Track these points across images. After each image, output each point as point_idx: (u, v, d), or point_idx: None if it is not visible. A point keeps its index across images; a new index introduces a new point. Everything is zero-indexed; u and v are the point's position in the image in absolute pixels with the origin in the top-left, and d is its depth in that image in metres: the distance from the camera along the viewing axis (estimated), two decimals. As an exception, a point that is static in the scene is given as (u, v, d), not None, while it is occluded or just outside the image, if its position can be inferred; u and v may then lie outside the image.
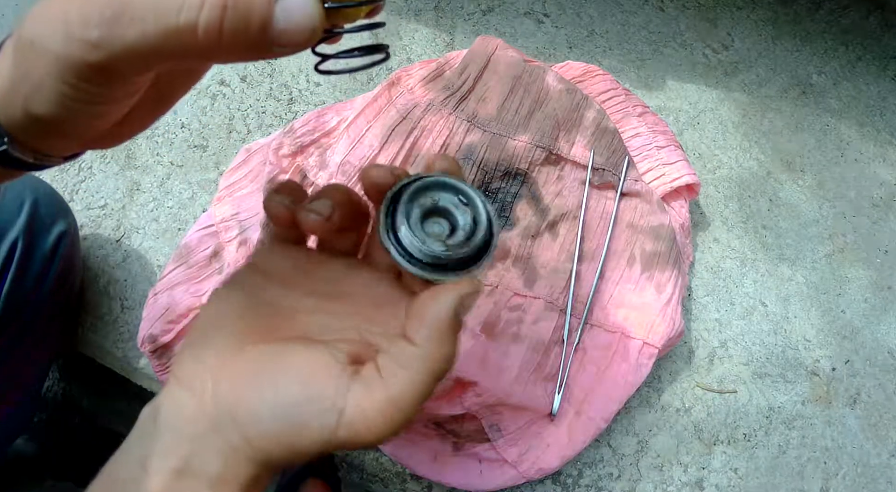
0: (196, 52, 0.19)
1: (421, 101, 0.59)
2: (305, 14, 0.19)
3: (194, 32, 0.18)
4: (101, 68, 0.19)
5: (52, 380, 0.71)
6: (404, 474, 0.52)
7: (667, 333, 0.54)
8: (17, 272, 0.46)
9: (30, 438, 0.68)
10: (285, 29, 0.19)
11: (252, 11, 0.18)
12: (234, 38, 0.18)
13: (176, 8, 0.18)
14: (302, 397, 0.23)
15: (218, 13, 0.18)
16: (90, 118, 0.21)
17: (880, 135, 0.77)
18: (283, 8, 0.18)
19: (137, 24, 0.18)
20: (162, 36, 0.18)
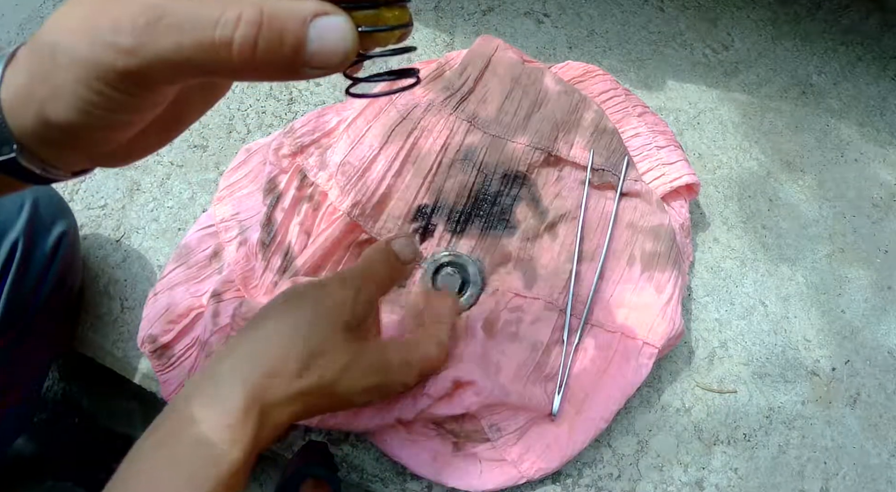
0: (228, 69, 0.19)
1: (421, 101, 0.59)
2: (339, 37, 0.19)
3: (229, 48, 0.18)
4: (130, 75, 0.19)
5: (52, 380, 0.71)
6: (404, 474, 0.52)
7: (667, 333, 0.54)
8: (18, 272, 0.47)
9: (30, 438, 0.68)
10: (318, 51, 0.19)
11: (286, 31, 0.18)
12: (268, 57, 0.18)
13: (213, 22, 0.18)
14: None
15: (253, 31, 0.18)
16: (108, 129, 0.21)
17: (880, 135, 0.77)
18: (317, 29, 0.19)
19: (173, 34, 0.18)
20: (197, 49, 0.18)
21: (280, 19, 0.18)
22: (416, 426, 0.51)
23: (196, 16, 0.18)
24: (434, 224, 0.56)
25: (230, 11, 0.18)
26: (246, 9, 0.18)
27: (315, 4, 0.19)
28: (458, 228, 0.56)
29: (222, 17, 0.18)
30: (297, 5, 0.19)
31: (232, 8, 0.18)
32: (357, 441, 0.52)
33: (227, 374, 0.31)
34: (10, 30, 0.73)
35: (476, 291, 0.54)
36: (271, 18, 0.18)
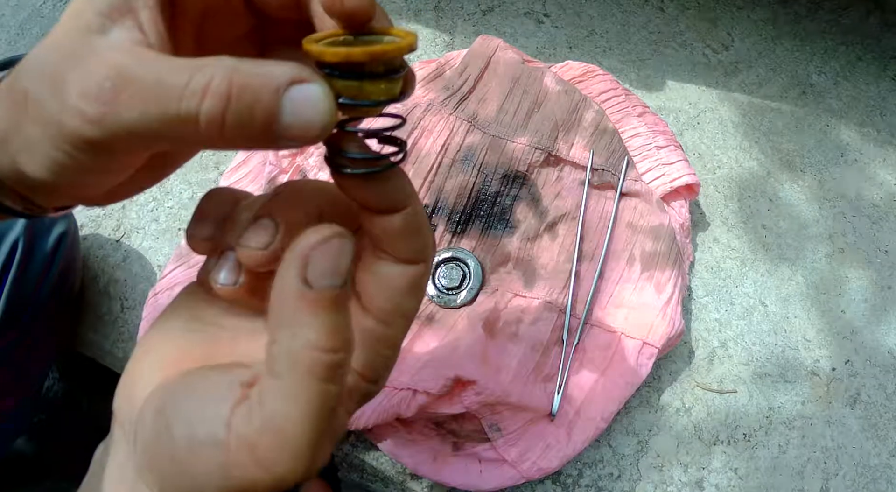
0: (196, 141, 0.17)
1: (421, 101, 0.59)
2: (315, 111, 0.17)
3: (196, 122, 0.17)
4: (96, 144, 0.17)
5: (52, 380, 0.71)
6: (404, 474, 0.52)
7: (667, 333, 0.54)
8: (18, 273, 0.47)
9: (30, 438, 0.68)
10: (292, 125, 0.17)
11: (257, 103, 0.17)
12: (238, 130, 0.17)
13: (178, 93, 0.16)
14: (190, 434, 0.18)
15: (221, 104, 0.17)
16: (82, 186, 0.20)
17: (880, 135, 0.77)
18: (291, 101, 0.17)
19: (138, 104, 0.17)
20: (162, 121, 0.17)
21: (251, 89, 0.17)
22: (416, 426, 0.51)
23: (162, 84, 0.17)
24: (434, 224, 0.56)
25: (197, 80, 0.16)
26: (215, 78, 0.16)
27: (290, 70, 0.17)
28: (459, 228, 0.56)
29: (188, 86, 0.16)
30: (271, 72, 0.17)
31: (199, 76, 0.17)
32: (357, 441, 0.52)
33: None
34: (10, 30, 0.73)
35: (476, 285, 0.54)
36: (241, 89, 0.16)
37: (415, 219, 0.21)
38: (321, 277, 0.16)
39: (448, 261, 0.55)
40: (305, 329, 0.16)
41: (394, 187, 0.20)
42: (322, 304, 0.16)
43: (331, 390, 0.17)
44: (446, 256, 0.55)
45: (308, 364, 0.16)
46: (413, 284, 0.21)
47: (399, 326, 0.21)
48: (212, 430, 0.17)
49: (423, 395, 0.48)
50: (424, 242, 0.21)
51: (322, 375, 0.16)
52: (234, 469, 0.17)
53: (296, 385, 0.16)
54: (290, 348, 0.16)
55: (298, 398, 0.16)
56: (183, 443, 0.17)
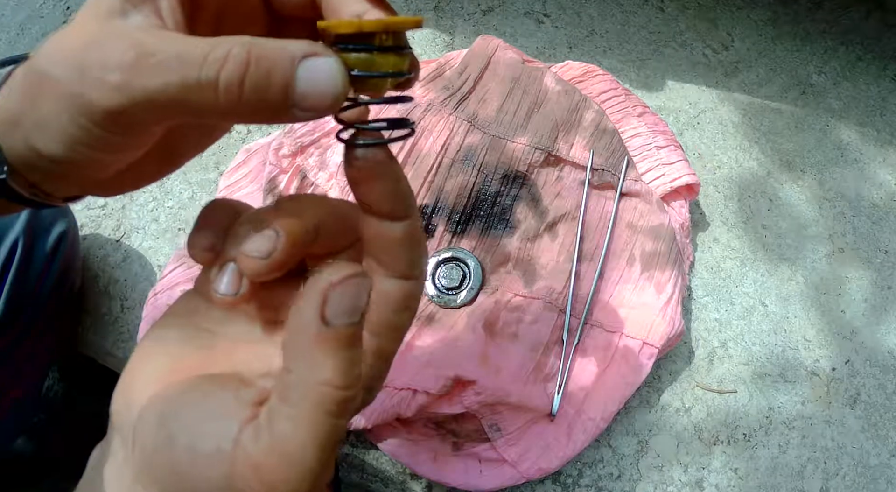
0: (215, 110, 0.18)
1: (421, 101, 0.59)
2: (329, 80, 0.18)
3: (215, 88, 0.18)
4: (115, 113, 0.18)
5: (52, 380, 0.71)
6: (404, 474, 0.52)
7: (667, 333, 0.54)
8: (18, 272, 0.47)
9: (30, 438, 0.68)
10: (307, 93, 0.18)
11: (274, 71, 0.18)
12: (254, 97, 0.18)
13: (199, 61, 0.17)
14: (195, 446, 0.18)
15: (240, 70, 0.17)
16: (95, 163, 0.20)
17: (880, 135, 0.77)
18: (306, 70, 0.18)
19: (161, 72, 0.17)
20: (182, 88, 0.18)
21: (268, 59, 0.18)
22: (416, 426, 0.51)
23: (183, 54, 0.17)
24: (434, 224, 0.56)
25: (218, 50, 0.17)
26: (234, 48, 0.18)
27: (305, 45, 0.18)
28: (459, 228, 0.56)
29: (209, 55, 0.17)
30: (287, 45, 0.18)
31: (220, 47, 0.18)
32: (357, 441, 0.52)
33: None
34: (10, 30, 0.73)
35: (476, 285, 0.54)
36: (259, 58, 0.18)
37: (414, 231, 0.21)
38: (339, 316, 0.17)
39: (448, 261, 0.55)
40: (321, 367, 0.17)
41: (402, 189, 0.21)
42: (339, 342, 0.17)
43: (339, 423, 0.17)
44: (446, 256, 0.55)
45: (320, 399, 0.17)
46: (407, 300, 0.21)
47: (391, 339, 0.21)
48: (219, 444, 0.18)
49: (423, 395, 0.48)
50: (420, 257, 0.22)
51: (333, 410, 0.17)
52: (237, 482, 0.17)
53: (307, 416, 0.17)
54: (305, 381, 0.17)
55: (308, 428, 0.17)
56: (186, 455, 0.18)
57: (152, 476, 0.19)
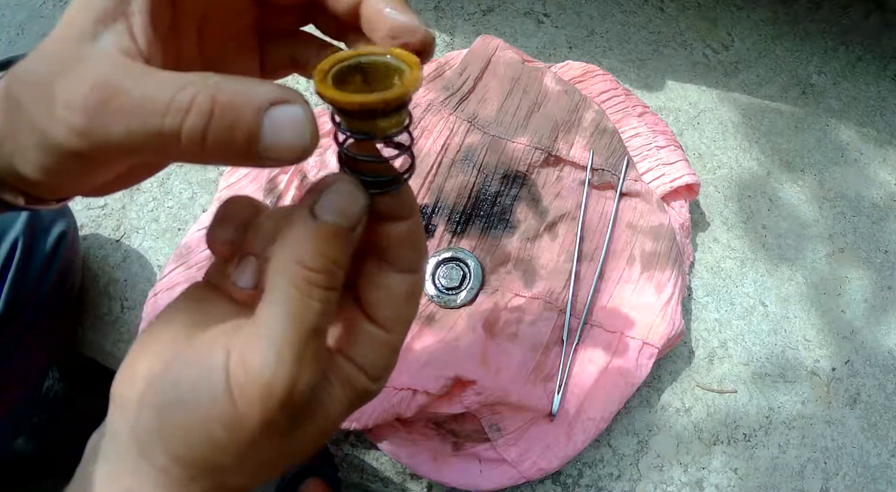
0: (178, 156, 0.18)
1: (421, 101, 0.59)
2: (296, 133, 0.17)
3: (178, 138, 0.17)
4: (79, 154, 0.18)
5: (52, 380, 0.71)
6: (404, 474, 0.52)
7: (667, 333, 0.54)
8: (18, 272, 0.47)
9: (30, 438, 0.68)
10: (272, 146, 0.17)
11: (238, 122, 0.17)
12: (218, 148, 0.17)
13: (163, 109, 0.17)
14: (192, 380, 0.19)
15: (203, 122, 0.17)
16: (73, 186, 0.21)
17: (880, 135, 0.77)
18: (272, 122, 0.17)
19: (123, 118, 0.17)
20: (145, 136, 0.17)
21: (233, 108, 0.17)
22: (416, 426, 0.51)
23: (146, 99, 0.17)
24: (434, 224, 0.56)
25: (181, 96, 0.17)
26: (199, 95, 0.17)
27: (272, 90, 0.17)
28: (459, 228, 0.56)
29: (173, 102, 0.17)
30: (254, 91, 0.17)
31: (184, 92, 0.17)
32: (357, 441, 0.52)
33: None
34: (10, 30, 0.73)
35: (476, 285, 0.54)
36: (224, 107, 0.17)
37: (417, 228, 0.22)
38: (326, 212, 0.18)
39: (448, 261, 0.55)
40: (298, 248, 0.18)
41: (406, 196, 0.22)
42: (320, 232, 0.18)
43: (312, 304, 0.18)
44: (446, 256, 0.55)
45: (291, 276, 0.18)
46: (411, 292, 0.22)
47: (399, 331, 0.22)
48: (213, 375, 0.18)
49: (423, 395, 0.48)
50: (422, 251, 0.23)
51: (304, 288, 0.18)
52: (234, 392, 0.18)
53: (280, 294, 0.18)
54: (282, 260, 0.18)
55: (282, 304, 0.18)
56: (187, 404, 0.18)
57: (161, 443, 0.19)
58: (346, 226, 0.19)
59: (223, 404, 0.18)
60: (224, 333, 0.20)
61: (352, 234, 0.19)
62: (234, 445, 0.19)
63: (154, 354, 0.20)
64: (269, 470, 0.21)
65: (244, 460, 0.19)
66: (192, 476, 0.19)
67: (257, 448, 0.19)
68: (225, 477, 0.20)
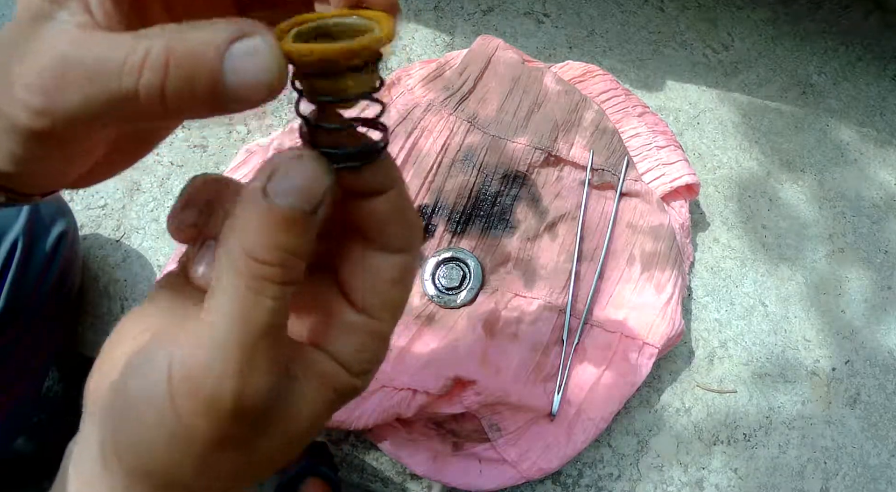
0: (144, 117, 0.17)
1: (421, 101, 0.59)
2: (260, 67, 0.16)
3: (136, 97, 0.16)
4: (44, 134, 0.17)
5: (52, 380, 0.71)
6: (404, 474, 0.52)
7: (667, 333, 0.54)
8: (18, 272, 0.46)
9: (30, 438, 0.68)
10: (238, 85, 0.16)
11: (198, 72, 0.16)
12: (180, 100, 0.16)
13: (117, 69, 0.16)
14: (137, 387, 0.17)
15: (159, 75, 0.16)
16: (48, 175, 0.20)
17: (880, 135, 0.77)
18: (233, 61, 0.16)
19: (80, 87, 0.16)
20: (106, 102, 0.16)
21: (190, 56, 0.16)
22: (416, 426, 0.51)
23: (101, 62, 0.16)
24: (434, 224, 0.56)
25: (135, 54, 0.16)
26: (152, 49, 0.16)
27: (230, 26, 0.16)
28: (459, 228, 0.56)
29: (127, 61, 0.16)
30: (210, 32, 0.16)
31: (138, 49, 0.16)
32: (357, 441, 0.52)
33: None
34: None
35: (476, 285, 0.54)
36: (179, 58, 0.16)
37: (399, 202, 0.19)
38: (280, 194, 0.16)
39: (448, 261, 0.55)
40: (247, 236, 0.16)
41: (383, 168, 0.19)
42: (273, 217, 0.16)
43: (263, 302, 0.16)
44: (446, 256, 0.55)
45: (240, 269, 0.16)
46: (400, 274, 0.20)
47: (386, 318, 0.20)
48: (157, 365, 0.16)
49: (423, 395, 0.48)
50: (410, 227, 0.20)
51: (254, 285, 0.16)
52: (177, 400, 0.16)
53: (228, 289, 0.16)
54: (230, 250, 0.16)
55: (228, 301, 0.16)
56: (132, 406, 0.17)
57: (116, 456, 0.17)
58: (304, 209, 0.16)
59: (167, 417, 0.16)
60: (172, 332, 0.17)
61: (313, 218, 0.16)
62: (188, 458, 0.17)
63: (119, 355, 0.19)
64: (238, 481, 0.18)
65: (204, 474, 0.17)
66: (150, 489, 0.17)
67: (216, 461, 0.17)
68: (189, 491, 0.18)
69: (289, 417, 0.18)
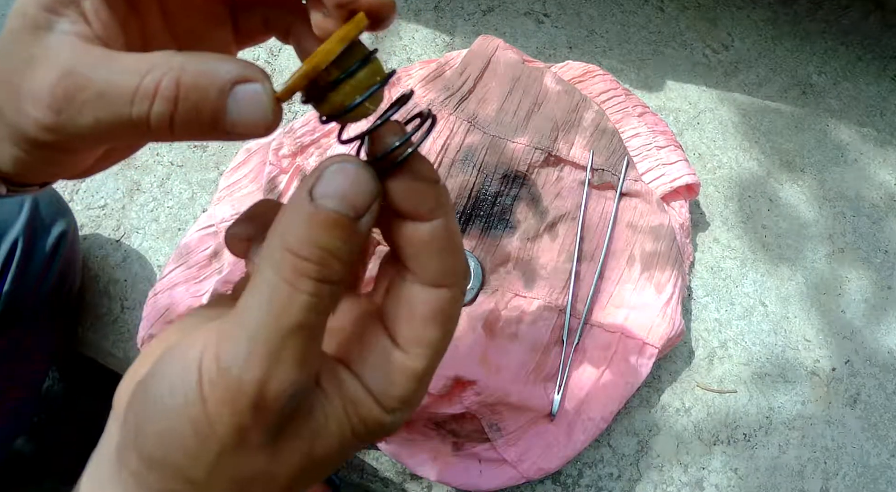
0: (149, 138, 0.19)
1: (421, 101, 0.59)
2: (258, 110, 0.18)
3: (147, 124, 0.18)
4: (53, 145, 0.18)
5: (52, 380, 0.71)
6: (404, 474, 0.52)
7: (667, 333, 0.54)
8: (18, 272, 0.47)
9: (30, 438, 0.68)
10: (237, 123, 0.18)
11: (204, 103, 0.17)
12: (187, 127, 0.18)
13: (128, 99, 0.17)
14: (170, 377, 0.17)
15: (169, 107, 0.17)
16: (49, 174, 0.21)
17: (880, 135, 0.77)
18: (236, 101, 0.18)
19: (91, 109, 0.18)
20: (115, 124, 0.18)
21: (197, 90, 0.17)
22: (416, 426, 0.51)
23: (113, 87, 0.17)
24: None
25: (147, 81, 0.17)
26: (164, 79, 0.17)
27: (235, 69, 0.18)
28: (459, 228, 0.56)
29: (139, 90, 0.17)
30: (216, 71, 0.18)
31: (149, 78, 0.17)
32: (357, 441, 0.52)
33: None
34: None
35: (476, 285, 0.54)
36: (188, 90, 0.17)
37: (445, 234, 0.19)
38: (324, 196, 0.16)
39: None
40: (289, 233, 0.16)
41: (425, 186, 0.19)
42: (315, 218, 0.16)
43: (297, 296, 0.16)
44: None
45: (277, 262, 0.16)
46: (438, 312, 0.19)
47: (421, 356, 0.19)
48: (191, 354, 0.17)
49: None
50: (455, 263, 0.19)
51: (289, 277, 0.16)
52: (207, 390, 0.16)
53: (264, 282, 0.16)
54: (271, 247, 0.16)
55: (263, 293, 0.16)
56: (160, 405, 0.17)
57: (136, 444, 0.17)
58: (346, 214, 0.16)
59: (194, 404, 0.16)
60: (208, 327, 0.18)
61: (356, 224, 0.17)
62: (204, 453, 0.17)
63: (149, 358, 0.19)
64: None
65: (216, 475, 0.17)
66: (161, 484, 0.17)
67: (230, 461, 0.17)
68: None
69: (312, 430, 0.18)
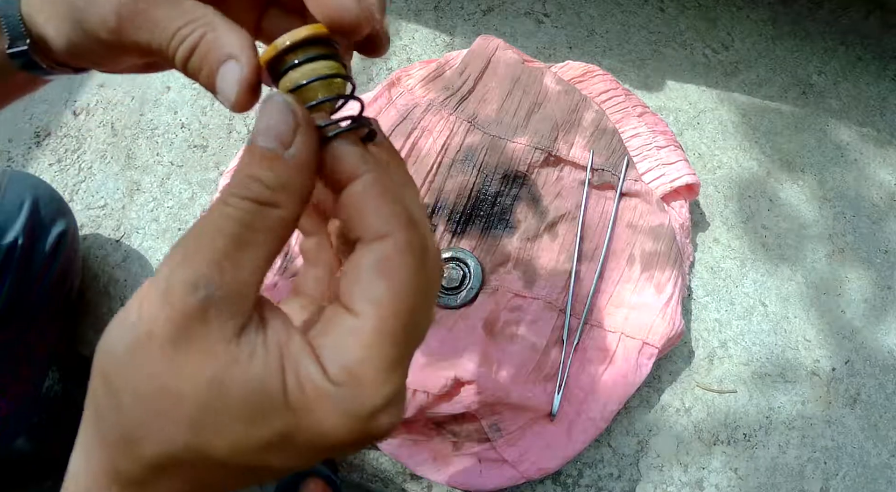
0: (173, 66, 0.22)
1: (421, 101, 0.59)
2: (230, 88, 0.20)
3: (172, 58, 0.22)
4: (108, 45, 0.23)
5: (52, 380, 0.71)
6: (404, 474, 0.52)
7: (666, 333, 0.54)
8: (18, 272, 0.47)
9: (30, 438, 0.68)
10: (220, 91, 0.21)
11: (205, 65, 0.21)
12: (194, 74, 0.22)
13: (170, 34, 0.21)
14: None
15: (186, 55, 0.21)
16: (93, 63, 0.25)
17: (880, 135, 0.77)
18: (222, 76, 0.21)
19: (145, 31, 0.22)
20: (158, 48, 0.22)
21: (208, 51, 0.21)
22: (416, 426, 0.51)
23: (162, 21, 0.21)
24: (434, 224, 0.56)
25: (185, 29, 0.21)
26: (194, 32, 0.21)
27: (234, 45, 0.21)
28: (459, 228, 0.56)
29: (178, 32, 0.21)
30: (229, 40, 0.21)
31: (188, 27, 0.21)
32: (357, 441, 0.52)
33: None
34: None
35: (476, 285, 0.54)
36: (202, 49, 0.21)
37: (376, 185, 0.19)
38: (257, 134, 0.19)
39: (448, 261, 0.55)
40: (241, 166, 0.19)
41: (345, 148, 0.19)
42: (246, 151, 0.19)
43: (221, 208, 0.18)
44: (446, 256, 0.55)
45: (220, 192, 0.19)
46: (379, 262, 0.18)
47: (368, 316, 0.18)
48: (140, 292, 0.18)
49: (423, 395, 0.48)
50: (391, 211, 0.18)
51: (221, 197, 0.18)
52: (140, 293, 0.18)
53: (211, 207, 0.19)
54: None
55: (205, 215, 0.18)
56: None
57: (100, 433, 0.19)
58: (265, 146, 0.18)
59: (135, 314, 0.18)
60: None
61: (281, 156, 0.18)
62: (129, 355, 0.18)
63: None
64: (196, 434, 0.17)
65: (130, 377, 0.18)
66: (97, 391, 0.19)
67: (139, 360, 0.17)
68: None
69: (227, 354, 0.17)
